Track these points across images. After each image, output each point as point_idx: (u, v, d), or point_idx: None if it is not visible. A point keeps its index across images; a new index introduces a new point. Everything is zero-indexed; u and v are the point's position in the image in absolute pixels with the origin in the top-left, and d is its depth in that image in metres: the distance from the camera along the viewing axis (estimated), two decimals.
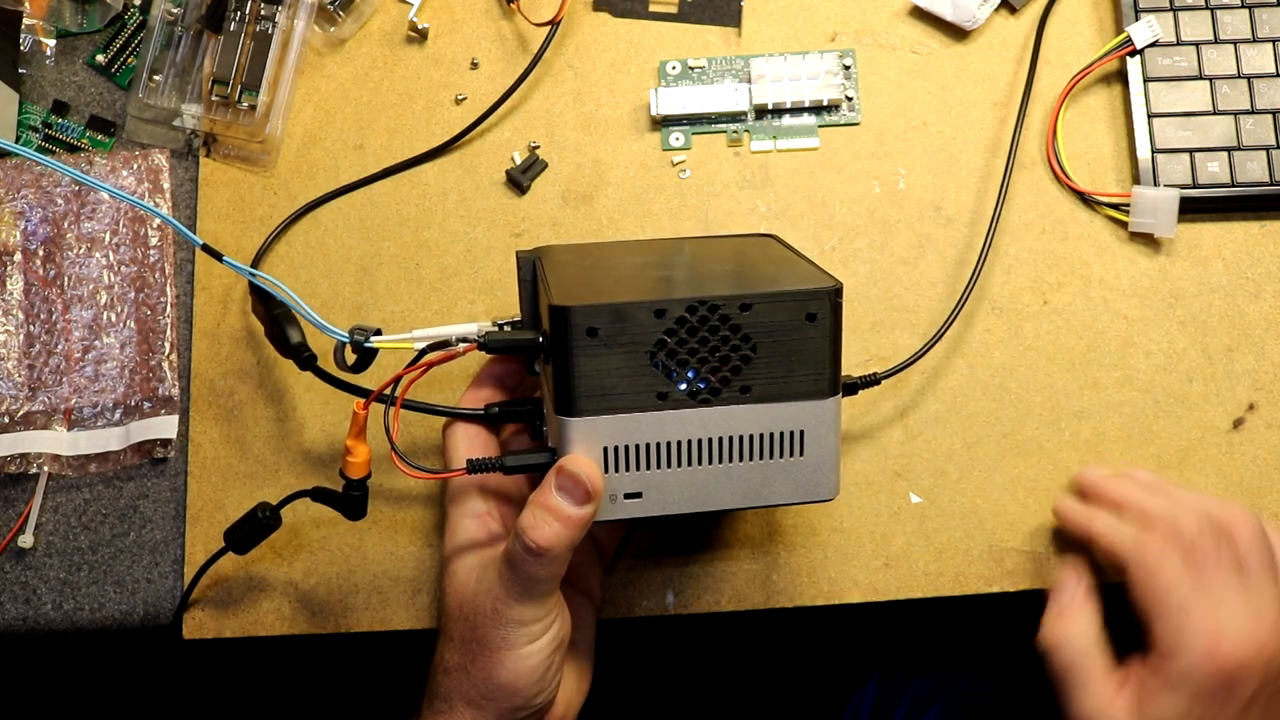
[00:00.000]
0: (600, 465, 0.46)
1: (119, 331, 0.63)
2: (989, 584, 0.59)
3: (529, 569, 0.47)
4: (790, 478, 0.47)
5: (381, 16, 0.68)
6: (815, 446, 0.46)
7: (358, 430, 0.51)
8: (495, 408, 0.52)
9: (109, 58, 0.67)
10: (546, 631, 0.48)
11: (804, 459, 0.46)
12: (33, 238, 0.64)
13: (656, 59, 0.67)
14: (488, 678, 0.48)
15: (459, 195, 0.65)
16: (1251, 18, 0.64)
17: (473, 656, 0.49)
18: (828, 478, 0.47)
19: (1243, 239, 0.63)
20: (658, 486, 0.46)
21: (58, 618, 0.60)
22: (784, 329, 0.45)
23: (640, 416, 0.45)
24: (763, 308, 0.45)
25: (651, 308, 0.44)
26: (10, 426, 0.61)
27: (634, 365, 0.44)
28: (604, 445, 0.45)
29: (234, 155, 0.65)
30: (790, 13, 0.67)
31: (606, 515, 0.46)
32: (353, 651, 1.18)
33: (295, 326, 0.54)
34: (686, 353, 0.44)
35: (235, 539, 0.55)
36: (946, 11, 0.66)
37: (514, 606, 0.47)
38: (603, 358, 0.44)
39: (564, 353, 0.44)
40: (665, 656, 1.07)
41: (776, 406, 0.46)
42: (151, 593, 0.60)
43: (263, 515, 0.54)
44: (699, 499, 0.46)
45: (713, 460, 0.46)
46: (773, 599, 0.59)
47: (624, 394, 0.45)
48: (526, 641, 0.48)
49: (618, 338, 0.44)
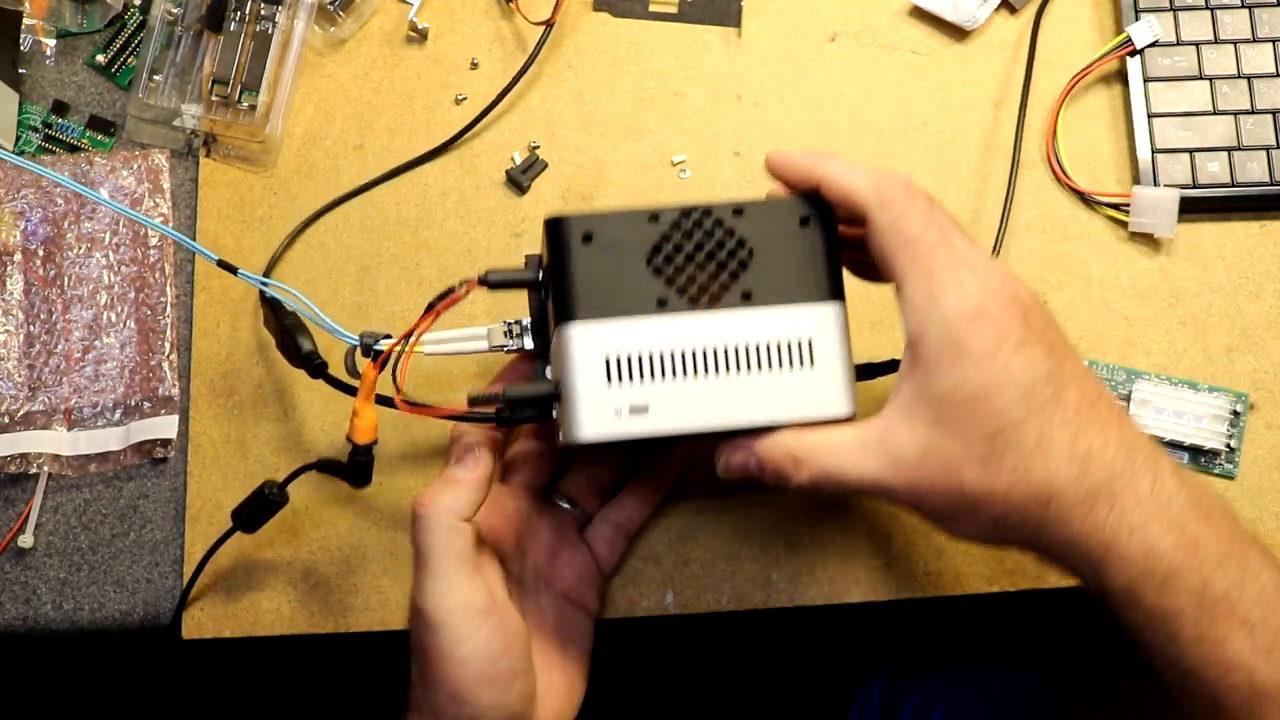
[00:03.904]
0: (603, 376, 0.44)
1: (119, 331, 0.63)
2: (989, 584, 0.59)
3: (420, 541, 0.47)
4: (801, 392, 0.45)
5: (381, 16, 0.68)
6: (824, 356, 0.45)
7: (367, 392, 0.50)
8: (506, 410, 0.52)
9: (109, 58, 0.67)
10: (477, 631, 0.46)
11: (813, 371, 0.45)
12: (33, 238, 0.64)
13: (656, 59, 0.67)
14: (437, 689, 0.47)
15: (459, 195, 0.65)
16: (1251, 18, 0.64)
17: (420, 668, 0.48)
18: (840, 392, 0.45)
19: (1243, 239, 0.63)
20: (663, 399, 0.45)
21: (58, 618, 0.60)
22: (779, 234, 0.45)
23: (640, 322, 0.45)
24: (756, 213, 0.45)
25: (645, 214, 0.45)
26: (10, 426, 0.61)
27: (631, 271, 0.45)
28: (605, 355, 0.44)
29: (234, 155, 0.65)
30: (790, 13, 0.67)
31: (614, 431, 0.44)
32: (353, 651, 1.18)
33: (306, 335, 0.54)
34: (683, 258, 0.45)
35: (243, 518, 0.55)
36: (946, 11, 0.66)
37: (425, 598, 0.46)
38: (599, 264, 0.44)
39: (561, 262, 0.44)
40: (665, 656, 1.07)
41: (779, 311, 0.45)
42: (151, 593, 0.60)
43: (269, 493, 0.54)
44: (707, 414, 0.45)
45: (718, 370, 0.45)
46: (773, 599, 0.59)
47: (623, 300, 0.44)
48: (456, 644, 0.46)
49: (613, 244, 0.45)
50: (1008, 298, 0.43)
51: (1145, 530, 0.41)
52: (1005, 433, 0.41)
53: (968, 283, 0.42)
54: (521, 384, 0.47)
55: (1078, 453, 0.42)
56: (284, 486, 0.55)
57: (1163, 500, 0.42)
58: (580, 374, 0.44)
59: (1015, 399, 0.42)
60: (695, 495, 0.60)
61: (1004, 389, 0.42)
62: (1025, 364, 0.42)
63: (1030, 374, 0.42)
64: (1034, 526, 0.42)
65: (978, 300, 0.42)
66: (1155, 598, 0.41)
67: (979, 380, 0.42)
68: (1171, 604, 0.41)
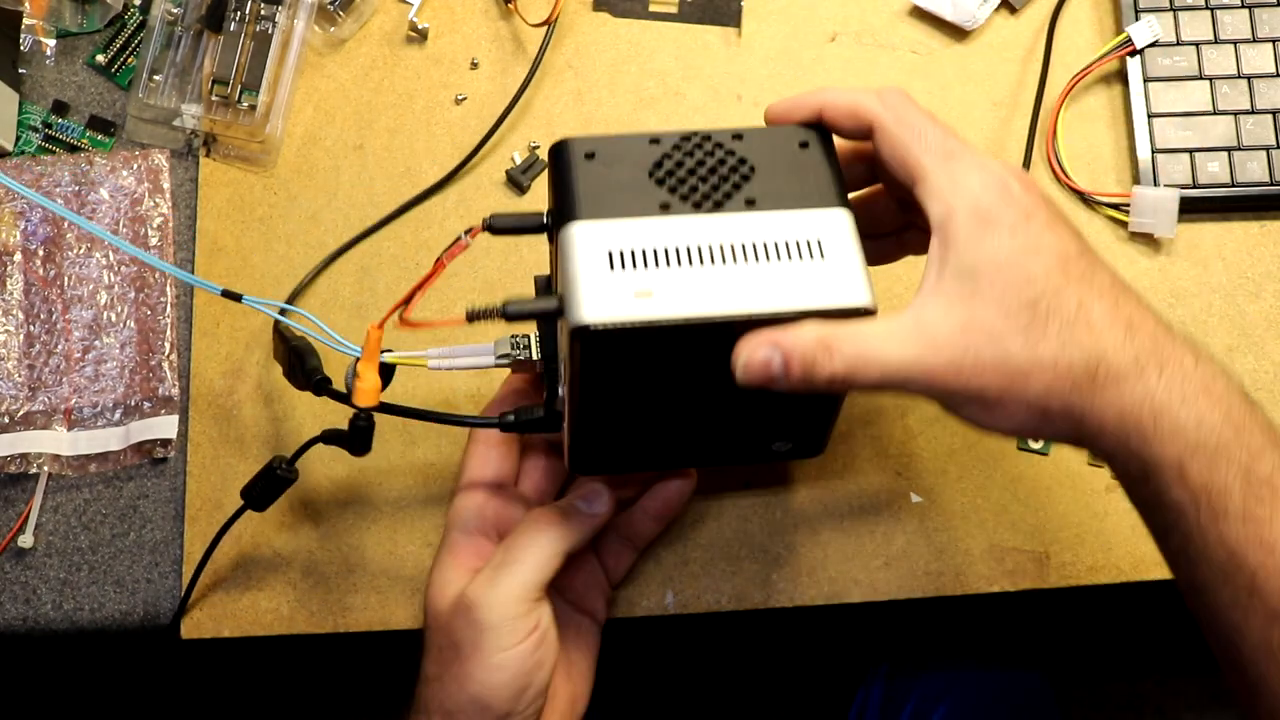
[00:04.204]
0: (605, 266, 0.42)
1: (119, 331, 0.63)
2: (990, 583, 0.59)
3: (521, 547, 0.47)
4: (817, 283, 0.42)
5: (381, 16, 0.68)
6: (836, 252, 0.43)
7: (369, 354, 0.49)
8: (510, 415, 0.51)
9: (109, 58, 0.67)
10: (521, 642, 0.47)
11: (826, 263, 0.43)
12: (33, 238, 0.64)
13: (656, 59, 0.67)
14: (460, 688, 0.47)
15: (459, 195, 0.65)
16: (1251, 18, 0.64)
17: (447, 664, 0.48)
18: (860, 283, 0.42)
19: (1243, 239, 0.63)
20: (670, 286, 0.42)
21: (58, 618, 0.60)
22: (780, 155, 0.45)
23: (644, 220, 0.44)
24: (755, 137, 0.45)
25: (646, 137, 0.45)
26: (10, 426, 0.61)
27: (634, 181, 0.44)
28: (608, 249, 0.43)
29: (234, 155, 0.65)
30: (790, 13, 0.67)
31: (619, 317, 0.41)
32: (353, 651, 1.18)
33: (314, 355, 0.53)
34: (685, 171, 0.45)
35: (253, 496, 0.54)
36: (946, 11, 0.66)
37: (489, 593, 0.47)
38: (602, 176, 0.44)
39: (563, 178, 0.45)
40: (665, 656, 1.07)
41: (786, 214, 0.44)
42: (151, 593, 0.60)
43: (279, 469, 0.53)
44: (716, 301, 0.42)
45: (726, 262, 0.43)
46: (773, 599, 0.59)
47: (625, 203, 0.44)
48: (497, 649, 0.47)
49: (615, 160, 0.45)
50: (1028, 182, 0.43)
51: (1196, 402, 0.40)
52: (1045, 299, 0.40)
53: (990, 164, 0.43)
54: (523, 299, 0.45)
55: (1120, 319, 0.41)
56: (293, 461, 0.53)
57: (1208, 377, 0.41)
58: (582, 266, 0.42)
59: (1052, 266, 0.41)
60: (695, 495, 0.60)
61: (1040, 255, 0.41)
62: (1057, 238, 0.42)
63: (1063, 246, 0.42)
64: (1081, 401, 0.41)
65: (1001, 179, 0.42)
66: (1205, 473, 0.40)
67: (1014, 246, 0.41)
68: (1220, 480, 0.40)
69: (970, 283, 0.41)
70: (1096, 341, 0.41)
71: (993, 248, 0.41)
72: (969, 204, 0.41)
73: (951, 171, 0.42)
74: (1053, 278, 0.41)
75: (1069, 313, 0.41)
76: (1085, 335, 0.40)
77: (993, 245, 0.41)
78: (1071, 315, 0.41)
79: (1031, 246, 0.41)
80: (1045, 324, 0.40)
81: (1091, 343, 0.40)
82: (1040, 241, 0.41)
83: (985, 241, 0.41)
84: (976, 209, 0.41)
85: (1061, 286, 0.41)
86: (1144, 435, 0.40)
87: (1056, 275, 0.41)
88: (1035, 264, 0.41)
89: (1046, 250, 0.41)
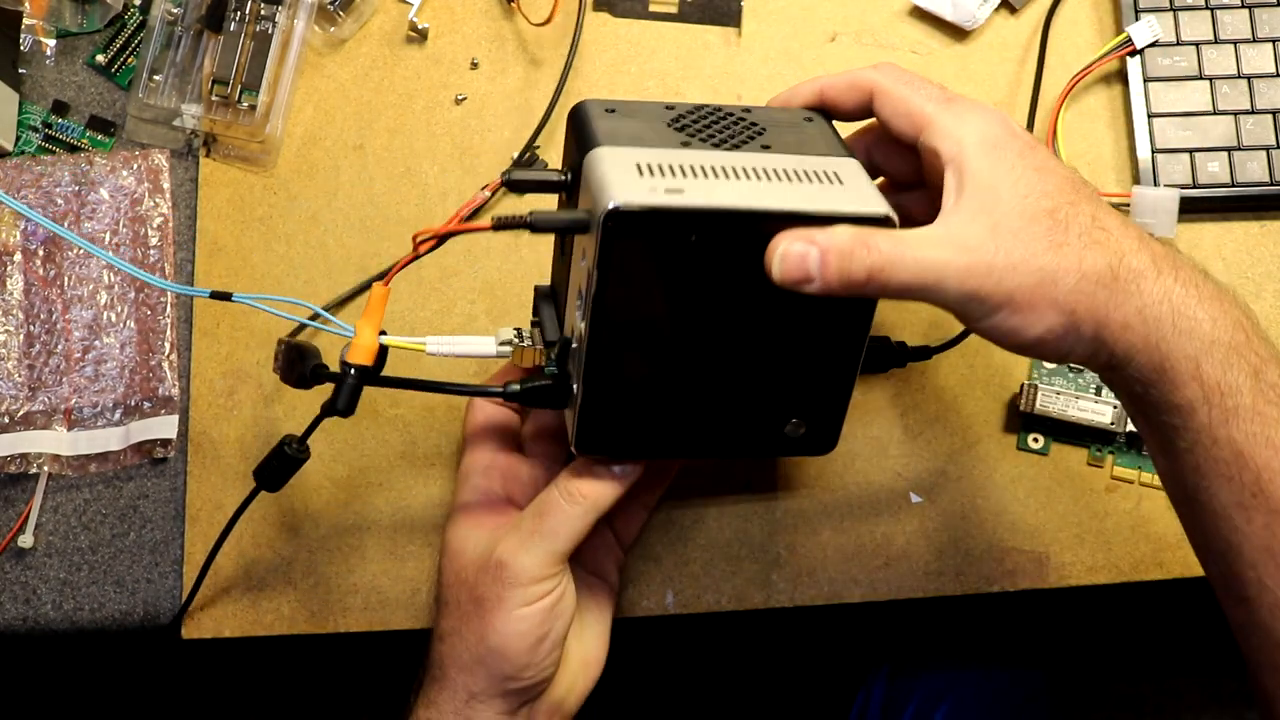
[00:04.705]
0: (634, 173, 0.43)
1: (119, 331, 0.63)
2: (989, 583, 0.59)
3: (557, 518, 0.48)
4: (838, 196, 0.44)
5: (381, 16, 0.68)
6: (852, 181, 0.45)
7: (369, 311, 0.48)
8: (515, 385, 0.50)
9: (109, 58, 0.67)
10: (544, 598, 0.48)
11: (844, 186, 0.44)
12: (33, 238, 0.64)
13: (656, 59, 0.67)
14: (480, 639, 0.48)
15: (459, 195, 0.65)
16: (1251, 18, 0.64)
17: (466, 618, 0.49)
18: (878, 199, 0.44)
19: (1243, 239, 0.63)
20: (699, 187, 0.43)
21: (58, 618, 0.60)
22: (787, 122, 0.48)
23: (667, 150, 0.45)
24: (762, 111, 0.49)
25: (661, 104, 0.48)
26: (10, 426, 0.61)
27: (654, 129, 0.46)
28: (635, 162, 0.43)
29: (234, 155, 0.65)
30: (790, 13, 0.67)
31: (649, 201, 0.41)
32: (353, 651, 1.18)
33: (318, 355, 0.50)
34: (702, 125, 0.47)
35: (265, 476, 0.52)
36: (946, 11, 0.66)
37: (521, 557, 0.48)
38: (623, 124, 0.46)
39: (584, 129, 0.46)
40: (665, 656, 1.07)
41: (800, 156, 0.46)
42: (151, 593, 0.60)
43: (290, 449, 0.51)
44: (743, 198, 0.43)
45: (751, 179, 0.44)
46: (773, 599, 0.59)
47: (649, 140, 0.45)
48: (521, 603, 0.48)
49: (634, 115, 0.47)
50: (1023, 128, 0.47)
51: (1210, 305, 0.43)
52: (1063, 209, 0.43)
53: (987, 107, 0.46)
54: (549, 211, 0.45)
55: (1132, 230, 0.44)
56: (304, 439, 0.51)
57: (1217, 288, 0.44)
58: (610, 172, 0.42)
59: (1063, 184, 0.44)
60: (695, 495, 0.60)
61: (1051, 175, 0.44)
62: (1061, 164, 0.45)
63: (1069, 171, 0.45)
64: (1107, 299, 0.42)
65: (1001, 116, 0.46)
66: (1218, 371, 0.42)
67: (1026, 165, 0.44)
68: (1232, 379, 0.42)
69: (991, 196, 0.43)
70: (1116, 245, 0.43)
71: (1007, 166, 0.44)
72: (977, 136, 0.44)
73: (955, 112, 0.46)
74: (1065, 193, 0.44)
75: (1085, 222, 0.43)
76: (1104, 239, 0.43)
77: (1006, 164, 0.44)
78: (1088, 224, 0.43)
79: (1042, 167, 0.44)
80: (1066, 229, 0.43)
81: (1111, 246, 0.43)
82: (1048, 164, 0.45)
83: (999, 163, 0.44)
84: (985, 139, 0.44)
85: (1075, 200, 0.44)
86: (1162, 331, 0.42)
87: (1069, 191, 0.44)
88: (1049, 181, 0.44)
89: (1055, 172, 0.44)
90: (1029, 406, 0.59)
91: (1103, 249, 0.43)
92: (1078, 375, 0.60)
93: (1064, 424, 0.60)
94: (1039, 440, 0.60)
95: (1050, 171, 0.44)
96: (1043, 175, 0.44)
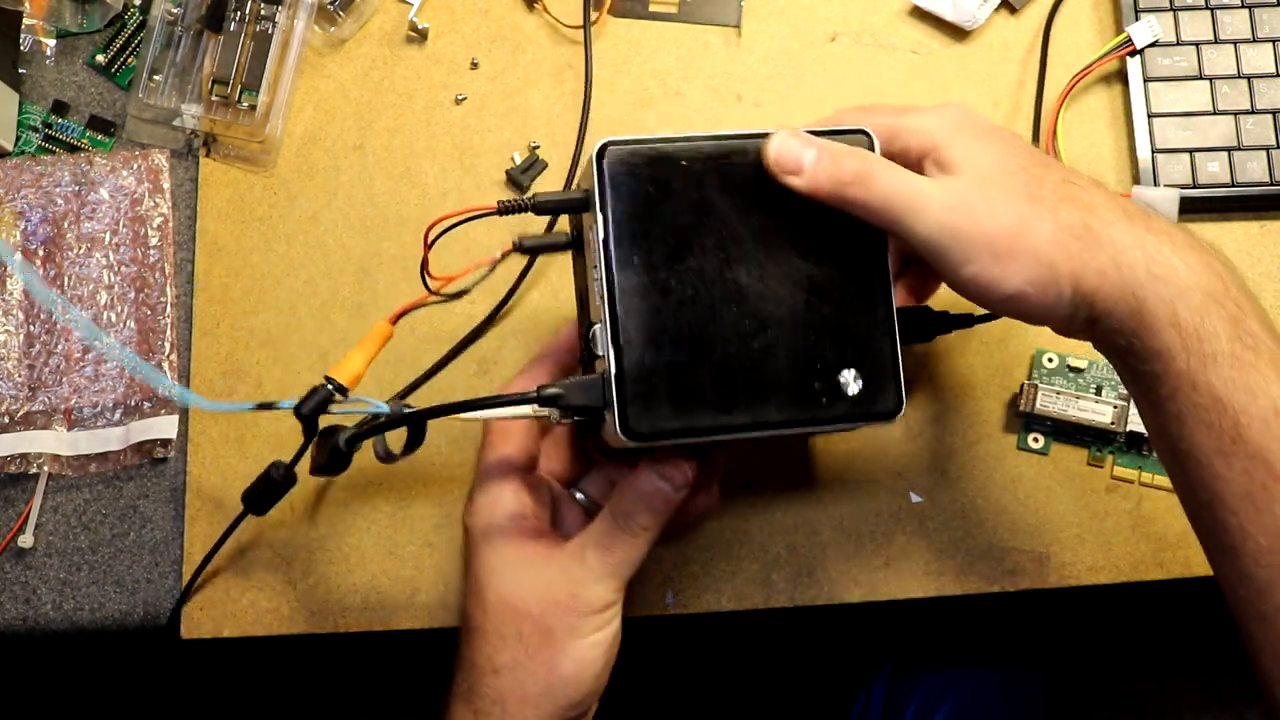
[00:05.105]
0: None
1: (119, 331, 0.63)
2: (989, 583, 0.59)
3: (625, 551, 0.48)
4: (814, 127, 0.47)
5: (381, 16, 0.68)
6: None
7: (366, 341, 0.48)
8: (550, 388, 0.46)
9: (109, 58, 0.67)
10: (612, 622, 0.49)
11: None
12: (33, 238, 0.64)
13: (656, 59, 0.67)
14: (550, 669, 0.48)
15: (459, 195, 0.65)
16: (1251, 18, 0.64)
17: (532, 650, 0.48)
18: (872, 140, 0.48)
19: (1243, 239, 0.63)
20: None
21: (58, 618, 0.60)
22: None
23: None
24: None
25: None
26: (10, 426, 0.61)
27: None
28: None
29: (234, 155, 0.65)
30: (790, 13, 0.67)
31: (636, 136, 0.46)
32: (352, 651, 1.18)
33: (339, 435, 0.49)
34: None
35: (253, 501, 0.52)
36: (946, 11, 0.66)
37: (593, 586, 0.48)
38: None
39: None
40: (665, 656, 1.07)
41: None
42: (151, 593, 0.60)
43: (278, 474, 0.52)
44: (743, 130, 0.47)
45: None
46: (773, 599, 0.59)
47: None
48: (594, 629, 0.49)
49: None
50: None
51: (1185, 253, 0.44)
52: (1035, 169, 0.45)
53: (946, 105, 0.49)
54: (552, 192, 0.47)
55: (1102, 188, 0.46)
56: (291, 466, 0.52)
57: (1192, 240, 0.45)
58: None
59: (1034, 155, 0.47)
60: None
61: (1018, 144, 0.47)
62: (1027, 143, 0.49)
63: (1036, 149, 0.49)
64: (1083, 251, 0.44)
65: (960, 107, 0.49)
66: (1196, 317, 0.43)
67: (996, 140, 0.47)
68: (1210, 325, 0.42)
69: (969, 160, 0.45)
70: (1088, 199, 0.45)
71: (979, 142, 0.46)
72: (942, 122, 0.47)
73: (917, 113, 0.48)
74: (1035, 158, 0.46)
75: (1057, 179, 0.45)
76: (1076, 194, 0.45)
77: (977, 141, 0.46)
78: (1059, 181, 0.45)
79: (1010, 139, 0.47)
80: (1040, 186, 0.45)
81: (1083, 200, 0.45)
82: (1014, 138, 0.47)
83: (972, 142, 0.46)
84: (949, 123, 0.47)
85: (1047, 166, 0.46)
86: (1137, 277, 0.43)
87: (1038, 157, 0.47)
88: (1020, 151, 0.46)
89: (1022, 143, 0.47)
90: (1029, 406, 0.59)
91: (1075, 203, 0.45)
92: (1078, 375, 0.60)
93: (1064, 424, 0.60)
94: (1039, 440, 0.60)
95: (1017, 142, 0.47)
96: (1011, 144, 0.47)
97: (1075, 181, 0.46)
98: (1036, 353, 0.61)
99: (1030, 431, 0.60)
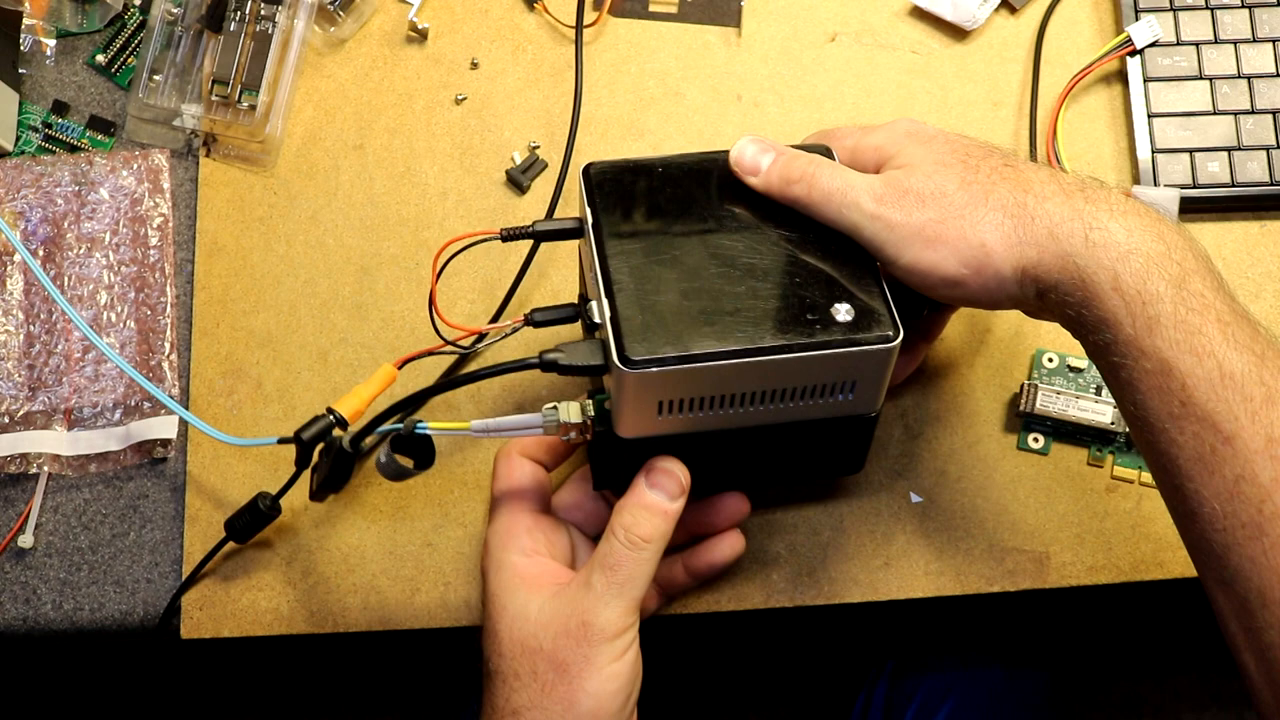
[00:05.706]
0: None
1: (119, 331, 0.63)
2: (989, 583, 0.59)
3: (629, 567, 0.47)
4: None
5: (381, 16, 0.68)
6: None
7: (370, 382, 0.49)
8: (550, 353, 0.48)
9: (109, 58, 0.67)
10: (627, 652, 0.48)
11: None
12: (33, 238, 0.64)
13: (656, 59, 0.67)
14: (569, 706, 0.47)
15: (459, 195, 0.65)
16: (1251, 18, 0.64)
17: (549, 688, 0.47)
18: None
19: (1243, 239, 0.63)
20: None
21: (58, 618, 0.60)
22: None
23: None
24: None
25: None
26: (10, 426, 0.61)
27: None
28: None
29: (234, 155, 0.65)
30: (790, 13, 0.67)
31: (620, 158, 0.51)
32: (352, 651, 1.18)
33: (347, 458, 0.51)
34: None
35: (236, 529, 0.56)
36: (946, 11, 0.66)
37: (603, 612, 0.47)
38: None
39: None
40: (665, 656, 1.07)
41: None
42: (151, 593, 0.60)
43: (264, 506, 0.55)
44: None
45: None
46: (773, 599, 0.59)
47: None
48: (610, 659, 0.47)
49: None
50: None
51: (1126, 218, 0.44)
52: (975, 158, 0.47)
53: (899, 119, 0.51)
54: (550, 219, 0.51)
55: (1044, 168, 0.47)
56: (278, 498, 0.56)
57: (1137, 206, 0.45)
58: None
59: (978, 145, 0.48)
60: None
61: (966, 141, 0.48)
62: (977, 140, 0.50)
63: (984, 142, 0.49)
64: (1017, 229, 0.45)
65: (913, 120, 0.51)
66: (1138, 281, 0.43)
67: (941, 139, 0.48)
68: (1153, 288, 0.42)
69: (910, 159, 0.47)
70: (1022, 178, 0.46)
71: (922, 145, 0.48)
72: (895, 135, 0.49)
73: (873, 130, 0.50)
74: (979, 149, 0.48)
75: (995, 163, 0.47)
76: (1012, 174, 0.46)
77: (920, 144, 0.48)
78: (998, 164, 0.46)
79: (956, 139, 0.48)
80: (975, 172, 0.46)
81: (1018, 179, 0.46)
82: (961, 139, 0.48)
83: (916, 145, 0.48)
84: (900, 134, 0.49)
85: (989, 151, 0.47)
86: (1075, 245, 0.44)
87: (983, 148, 0.48)
88: (960, 146, 0.48)
89: (966, 143, 0.48)
90: (1029, 406, 0.59)
91: (1010, 182, 0.45)
92: (1078, 375, 0.60)
93: (1064, 424, 0.60)
94: (1039, 440, 0.60)
95: (962, 140, 0.48)
96: (952, 141, 0.48)
97: (1013, 164, 0.46)
98: (1036, 353, 0.61)
99: (1030, 431, 0.60)
